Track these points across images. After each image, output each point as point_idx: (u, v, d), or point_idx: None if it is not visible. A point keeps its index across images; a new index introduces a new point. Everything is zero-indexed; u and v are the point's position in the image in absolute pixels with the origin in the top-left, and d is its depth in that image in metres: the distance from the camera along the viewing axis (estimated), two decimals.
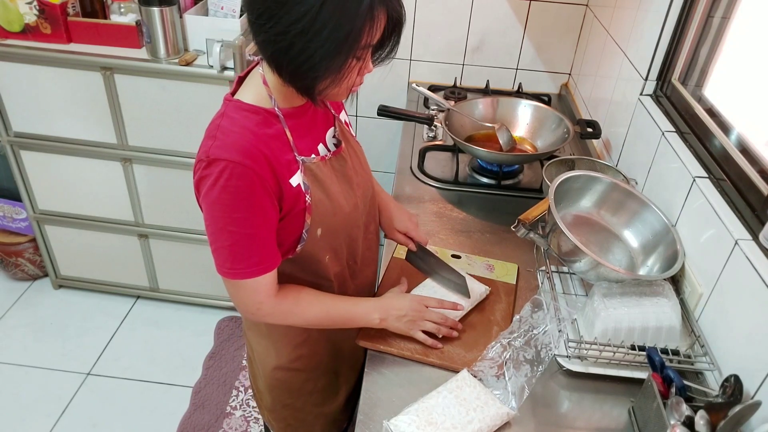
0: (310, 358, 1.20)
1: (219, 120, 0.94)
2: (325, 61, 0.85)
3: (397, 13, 0.88)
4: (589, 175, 1.30)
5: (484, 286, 1.24)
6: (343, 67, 0.87)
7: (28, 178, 2.21)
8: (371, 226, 1.21)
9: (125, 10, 1.93)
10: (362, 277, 1.22)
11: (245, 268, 0.96)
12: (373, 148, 2.31)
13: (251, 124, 0.93)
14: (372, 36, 0.86)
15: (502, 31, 2.12)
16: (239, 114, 0.94)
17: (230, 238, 0.94)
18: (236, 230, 0.93)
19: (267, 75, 0.96)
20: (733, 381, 0.90)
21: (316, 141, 1.05)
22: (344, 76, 0.89)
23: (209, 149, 0.90)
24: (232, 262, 0.95)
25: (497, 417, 0.97)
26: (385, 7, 0.86)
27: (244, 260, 0.95)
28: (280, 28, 0.83)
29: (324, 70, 0.86)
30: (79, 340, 2.34)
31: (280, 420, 1.30)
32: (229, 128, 0.92)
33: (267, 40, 0.86)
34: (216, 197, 0.91)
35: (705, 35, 1.35)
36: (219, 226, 0.93)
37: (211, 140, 0.92)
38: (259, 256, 0.96)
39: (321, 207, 1.01)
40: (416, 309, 1.11)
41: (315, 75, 0.87)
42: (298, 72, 0.88)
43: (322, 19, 0.81)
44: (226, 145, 0.90)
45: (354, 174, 1.09)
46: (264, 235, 0.95)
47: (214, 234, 0.95)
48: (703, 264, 1.12)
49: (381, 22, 0.86)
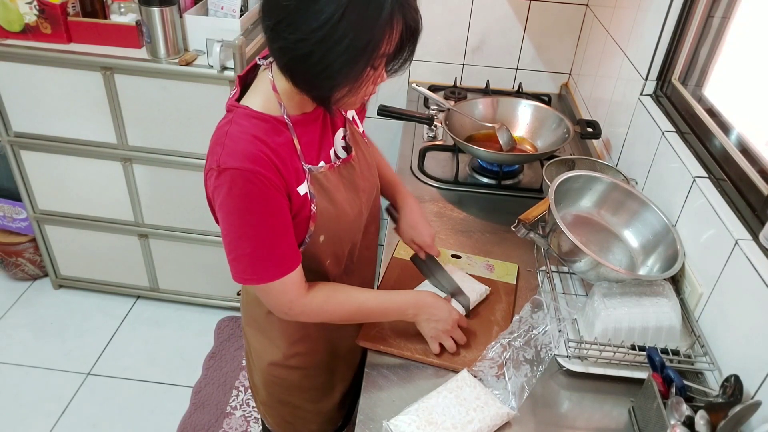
0: (307, 355, 1.20)
1: (227, 127, 0.93)
2: (344, 70, 0.84)
3: (415, 23, 0.88)
4: (589, 175, 1.30)
5: (484, 286, 1.24)
6: (360, 76, 0.86)
7: (28, 178, 2.21)
8: (372, 227, 1.21)
9: (125, 10, 1.93)
10: (358, 275, 1.22)
11: (269, 271, 0.95)
12: None
13: (260, 132, 0.92)
14: (390, 45, 0.86)
15: (502, 31, 2.12)
16: (247, 121, 0.93)
17: (251, 244, 0.93)
18: (255, 234, 0.92)
19: (278, 81, 0.95)
20: (733, 381, 0.90)
21: (327, 147, 1.04)
22: (361, 85, 0.89)
23: (219, 158, 0.89)
24: (254, 267, 0.95)
25: (497, 417, 0.97)
26: (403, 17, 0.85)
27: (267, 263, 0.95)
28: (300, 35, 0.82)
29: (342, 78, 0.86)
30: (79, 340, 2.34)
31: (276, 416, 1.30)
32: (238, 136, 0.91)
33: (285, 47, 0.85)
34: (232, 206, 0.90)
35: (705, 35, 1.35)
36: (238, 234, 0.93)
37: (220, 148, 0.90)
38: (281, 256, 0.96)
39: (325, 215, 1.01)
40: (450, 322, 1.10)
41: (332, 84, 0.86)
42: (315, 81, 0.87)
43: (343, 28, 0.80)
44: (235, 153, 0.89)
45: (361, 179, 1.09)
46: (283, 235, 0.95)
47: (233, 242, 0.94)
48: (703, 264, 1.12)
49: (398, 31, 0.86)
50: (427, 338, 1.11)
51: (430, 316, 1.09)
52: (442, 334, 1.10)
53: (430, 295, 1.13)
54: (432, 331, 1.10)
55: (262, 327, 1.19)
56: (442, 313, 1.10)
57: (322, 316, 1.06)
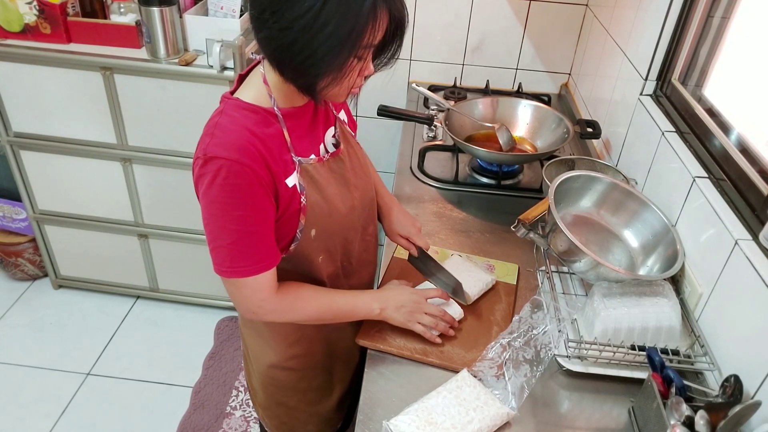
0: (305, 357, 1.20)
1: (217, 118, 0.94)
2: (327, 59, 0.85)
3: (400, 14, 0.88)
4: (589, 175, 1.30)
5: (490, 276, 1.25)
6: (344, 65, 0.87)
7: (28, 178, 2.21)
8: (369, 228, 1.21)
9: (125, 10, 1.93)
10: (358, 277, 1.21)
11: (246, 266, 0.95)
12: (373, 148, 2.30)
13: (249, 123, 0.93)
14: (374, 36, 0.86)
15: (502, 31, 2.12)
16: (238, 112, 0.94)
17: (230, 237, 0.93)
18: (236, 228, 0.92)
19: (268, 74, 0.96)
20: (733, 381, 0.90)
21: (317, 142, 1.05)
22: (345, 75, 0.89)
23: (206, 147, 0.90)
24: (231, 260, 0.95)
25: (497, 417, 0.97)
26: (388, 8, 0.86)
27: (245, 258, 0.95)
28: (284, 23, 0.83)
29: (326, 67, 0.86)
30: (79, 340, 2.33)
31: (274, 418, 1.30)
32: (227, 126, 0.92)
33: (269, 36, 0.86)
34: (214, 196, 0.91)
35: (705, 35, 1.35)
36: (218, 224, 0.93)
37: (208, 137, 0.91)
38: (260, 254, 0.96)
39: (316, 208, 1.01)
40: (415, 300, 1.12)
41: (316, 72, 0.87)
42: (300, 69, 0.88)
43: (326, 15, 0.81)
44: (223, 143, 0.90)
45: (352, 175, 1.09)
46: (264, 232, 0.95)
47: (213, 233, 0.94)
48: (703, 264, 1.12)
49: (383, 22, 0.86)
50: (406, 326, 1.11)
51: (395, 302, 1.10)
52: (416, 313, 1.10)
53: (389, 286, 1.15)
54: (404, 316, 1.10)
55: (258, 329, 1.19)
56: (403, 297, 1.11)
57: (290, 316, 1.06)
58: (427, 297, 1.14)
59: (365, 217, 1.17)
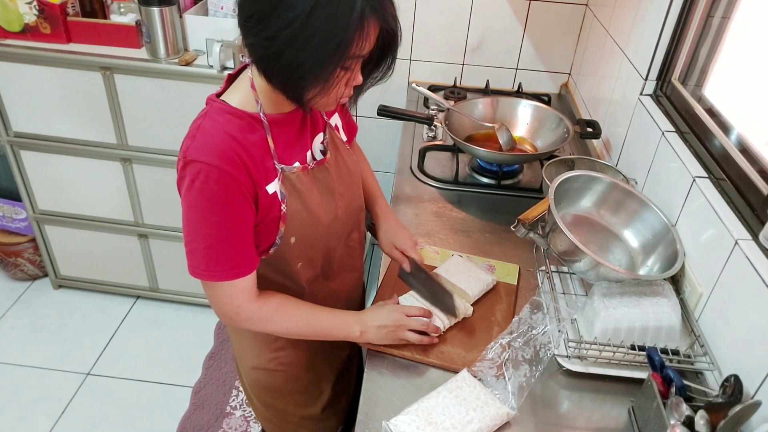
0: (288, 359, 1.19)
1: (200, 120, 0.93)
2: (314, 70, 0.83)
3: (390, 27, 0.87)
4: (589, 175, 1.30)
5: (490, 276, 1.24)
6: (331, 76, 0.85)
7: (28, 178, 2.21)
8: (354, 234, 1.19)
9: (125, 9, 1.93)
10: (338, 281, 1.20)
11: (221, 270, 0.94)
12: (373, 148, 2.31)
13: (233, 129, 0.91)
14: (361, 47, 0.84)
15: (502, 31, 2.12)
16: (222, 116, 0.92)
17: (206, 241, 0.92)
18: (212, 233, 0.92)
19: (255, 79, 0.94)
20: (733, 381, 0.90)
21: (304, 148, 1.03)
22: (332, 85, 0.88)
23: (186, 150, 0.89)
24: (206, 264, 0.94)
25: (497, 417, 0.97)
26: (377, 19, 0.84)
27: (220, 263, 0.94)
28: (269, 33, 0.81)
29: (312, 78, 0.85)
30: (79, 340, 2.34)
31: (266, 419, 1.30)
32: (209, 130, 0.90)
33: (256, 43, 0.85)
34: (192, 200, 0.90)
35: (705, 35, 1.35)
36: (194, 227, 0.92)
37: (189, 140, 0.90)
38: (235, 260, 0.95)
39: (297, 218, 1.00)
40: (395, 319, 1.08)
41: (303, 84, 0.86)
42: (287, 80, 0.87)
43: (312, 27, 0.79)
44: (203, 147, 0.89)
45: (338, 184, 1.07)
46: (241, 239, 0.94)
47: (190, 235, 0.94)
48: (703, 264, 1.12)
49: (372, 32, 0.85)
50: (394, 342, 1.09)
51: (376, 323, 1.08)
52: (398, 332, 1.08)
53: (370, 308, 1.12)
54: (385, 337, 1.08)
55: (242, 330, 1.18)
56: (381, 316, 1.09)
57: (268, 326, 1.05)
58: (408, 314, 1.10)
59: (350, 224, 1.15)
